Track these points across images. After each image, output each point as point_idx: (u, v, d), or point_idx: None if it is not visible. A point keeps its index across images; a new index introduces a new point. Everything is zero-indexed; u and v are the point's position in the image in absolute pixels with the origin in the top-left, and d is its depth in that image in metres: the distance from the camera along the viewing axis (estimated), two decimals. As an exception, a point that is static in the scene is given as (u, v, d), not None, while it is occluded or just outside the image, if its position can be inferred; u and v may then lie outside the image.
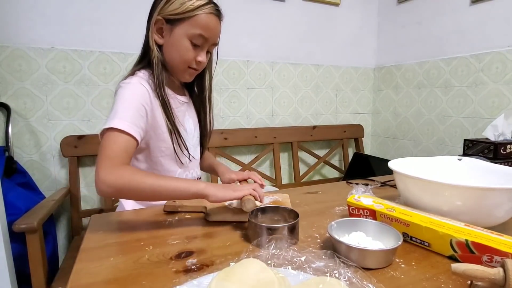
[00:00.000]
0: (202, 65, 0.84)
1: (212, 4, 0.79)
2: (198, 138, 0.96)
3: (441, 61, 1.83)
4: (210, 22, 0.78)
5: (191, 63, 0.80)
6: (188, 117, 0.91)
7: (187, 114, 0.91)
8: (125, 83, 0.78)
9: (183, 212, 0.77)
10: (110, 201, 1.60)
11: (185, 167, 0.91)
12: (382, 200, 0.68)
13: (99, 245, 0.60)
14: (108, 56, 1.60)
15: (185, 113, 0.90)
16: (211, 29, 0.78)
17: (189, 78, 0.85)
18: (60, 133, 1.56)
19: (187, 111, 0.91)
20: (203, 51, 0.81)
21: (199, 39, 0.78)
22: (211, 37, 0.80)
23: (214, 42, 0.82)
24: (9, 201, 1.24)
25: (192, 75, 0.85)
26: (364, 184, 1.02)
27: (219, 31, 0.82)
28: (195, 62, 0.81)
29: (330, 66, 2.18)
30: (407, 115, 2.07)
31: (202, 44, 0.79)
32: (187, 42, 0.78)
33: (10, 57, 1.44)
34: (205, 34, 0.78)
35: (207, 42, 0.80)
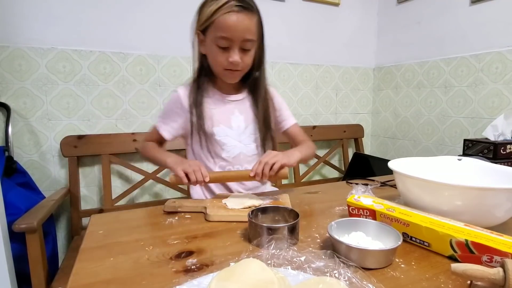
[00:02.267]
0: (240, 65, 0.83)
1: (231, 2, 0.78)
2: (254, 134, 0.97)
3: (441, 61, 1.83)
4: (229, 21, 0.78)
5: (224, 65, 0.83)
6: (238, 114, 0.95)
7: (236, 111, 0.95)
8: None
9: (183, 212, 0.77)
10: (110, 201, 1.60)
11: (228, 162, 0.95)
12: (382, 200, 0.68)
13: (99, 245, 0.60)
14: (108, 56, 1.60)
15: (233, 111, 0.94)
16: (231, 28, 0.78)
17: (232, 79, 0.89)
18: (60, 133, 1.56)
19: (237, 109, 0.95)
20: (233, 51, 0.81)
21: (222, 41, 0.80)
22: (234, 35, 0.79)
23: (241, 38, 0.80)
24: (9, 201, 1.24)
25: (232, 75, 0.87)
26: (364, 184, 1.02)
27: (244, 26, 0.79)
28: (229, 63, 0.82)
29: (330, 66, 2.18)
30: (407, 115, 2.07)
31: (229, 45, 0.80)
32: (215, 47, 0.82)
33: (10, 57, 1.44)
34: (226, 35, 0.79)
35: (233, 42, 0.80)
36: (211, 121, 0.91)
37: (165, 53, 1.71)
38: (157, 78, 1.71)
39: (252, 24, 0.80)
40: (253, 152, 0.98)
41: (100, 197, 1.66)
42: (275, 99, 1.00)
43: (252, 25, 0.80)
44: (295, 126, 1.04)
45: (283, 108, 1.03)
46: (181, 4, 1.70)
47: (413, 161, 0.82)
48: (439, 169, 0.81)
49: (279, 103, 1.02)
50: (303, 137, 1.03)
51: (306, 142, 0.99)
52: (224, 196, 0.84)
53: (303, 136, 1.03)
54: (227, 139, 0.94)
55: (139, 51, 1.66)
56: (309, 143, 0.99)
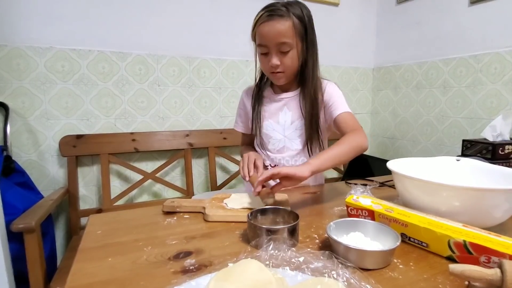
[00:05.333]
0: (281, 67, 0.89)
1: (264, 12, 0.86)
2: (299, 130, 1.00)
3: (440, 61, 1.83)
4: (262, 30, 0.87)
5: (268, 69, 0.93)
6: (287, 111, 1.01)
7: (285, 108, 1.01)
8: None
9: (181, 212, 0.77)
10: (109, 201, 1.59)
11: (273, 154, 1.04)
12: (381, 201, 0.69)
13: (97, 245, 0.60)
14: (107, 56, 1.60)
15: (282, 107, 1.02)
16: (263, 35, 0.87)
17: (278, 81, 0.95)
18: (58, 132, 1.55)
19: (287, 106, 1.01)
20: (271, 55, 0.89)
21: (261, 48, 0.90)
22: (268, 42, 0.87)
23: (276, 42, 0.86)
24: (7, 201, 1.24)
25: (277, 77, 0.93)
26: (363, 184, 1.02)
27: (276, 32, 0.85)
28: (270, 67, 0.90)
29: (329, 66, 2.18)
30: (406, 116, 2.07)
31: (267, 50, 0.89)
32: (259, 54, 0.92)
33: (8, 56, 1.43)
34: (261, 42, 0.88)
35: (270, 47, 0.88)
36: (262, 117, 1.04)
37: (164, 53, 1.71)
38: (156, 77, 1.71)
39: (284, 28, 0.85)
40: (297, 147, 1.01)
41: (99, 197, 1.66)
42: (325, 93, 0.97)
43: (284, 29, 0.85)
44: (343, 115, 0.93)
45: (332, 99, 0.96)
46: (180, 3, 1.70)
47: (412, 162, 0.83)
48: (438, 169, 0.81)
49: (329, 95, 0.96)
50: (352, 126, 0.90)
51: (350, 134, 0.87)
52: (225, 196, 0.84)
53: (352, 125, 0.90)
54: (273, 133, 1.03)
55: (138, 51, 1.65)
56: (352, 136, 0.86)
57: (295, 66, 0.92)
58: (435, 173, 0.80)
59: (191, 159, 1.77)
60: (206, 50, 1.80)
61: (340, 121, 0.93)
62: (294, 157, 1.03)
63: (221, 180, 1.87)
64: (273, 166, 1.05)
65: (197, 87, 1.81)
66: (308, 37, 0.90)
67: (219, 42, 1.82)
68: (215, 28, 1.80)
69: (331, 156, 0.80)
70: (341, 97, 0.98)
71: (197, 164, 1.86)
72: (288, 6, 0.87)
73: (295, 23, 0.86)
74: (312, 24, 0.91)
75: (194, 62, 1.78)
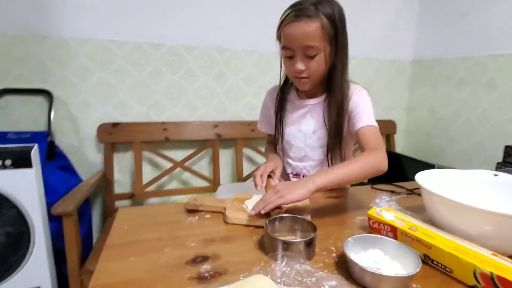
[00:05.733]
0: (306, 72, 0.83)
1: (290, 12, 0.80)
2: (322, 139, 0.94)
3: (486, 57, 1.68)
4: (288, 31, 0.80)
5: (292, 73, 0.87)
6: (310, 118, 0.96)
7: (308, 115, 0.96)
8: None
9: (203, 212, 0.80)
10: (140, 187, 1.68)
11: (295, 162, 1.01)
12: (405, 216, 0.66)
13: (122, 242, 0.64)
14: (142, 47, 1.64)
15: (305, 115, 0.96)
16: (290, 37, 0.81)
17: (302, 86, 0.90)
18: (97, 119, 1.64)
19: (310, 113, 0.96)
20: (296, 59, 0.83)
21: (285, 51, 0.84)
22: (294, 44, 0.81)
23: (301, 46, 0.80)
24: (49, 184, 1.35)
25: (301, 83, 0.88)
26: (390, 191, 0.98)
27: (302, 34, 0.78)
28: (294, 71, 0.85)
29: (363, 59, 2.09)
30: (444, 113, 1.95)
31: (292, 53, 0.83)
32: (283, 57, 0.86)
33: (53, 46, 1.52)
34: (286, 45, 0.82)
35: (295, 50, 0.82)
36: (285, 123, 0.99)
37: (197, 44, 1.72)
38: (188, 68, 1.74)
39: (312, 30, 0.78)
40: (319, 157, 0.96)
41: (132, 182, 1.75)
42: (352, 101, 0.89)
43: (312, 31, 0.78)
44: (366, 129, 0.85)
45: (358, 109, 0.88)
46: (213, -6, 1.69)
47: (444, 174, 0.78)
48: (472, 185, 0.76)
49: (355, 104, 0.89)
50: (372, 144, 0.83)
51: (366, 154, 0.81)
52: (247, 196, 0.85)
53: (372, 143, 0.83)
54: (295, 141, 0.98)
55: (172, 42, 1.68)
56: (367, 157, 0.79)
57: (322, 71, 0.85)
58: (469, 189, 0.75)
59: (219, 150, 1.80)
60: (238, 42, 1.79)
61: (361, 135, 0.86)
62: (315, 167, 0.99)
63: (247, 171, 1.89)
64: (294, 174, 1.02)
65: (227, 79, 1.81)
66: (338, 39, 0.83)
67: (250, 33, 1.80)
68: (247, 19, 1.78)
69: (339, 176, 0.74)
70: (368, 107, 0.89)
71: (224, 155, 1.89)
72: (317, 5, 0.78)
73: (324, 25, 0.79)
74: (343, 24, 0.84)
75: (225, 53, 1.78)
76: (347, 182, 0.79)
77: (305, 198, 0.70)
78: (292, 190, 0.70)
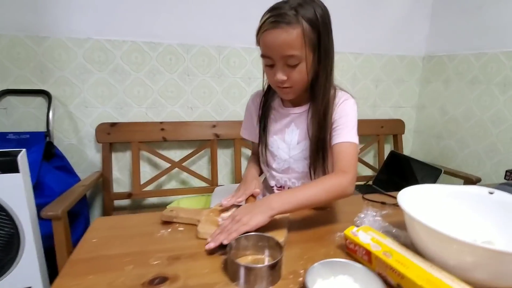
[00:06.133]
0: (288, 82, 0.78)
1: (268, 17, 0.73)
2: (306, 151, 0.88)
3: (502, 54, 1.56)
4: (266, 39, 0.74)
5: (274, 83, 0.81)
6: (294, 128, 0.90)
7: (293, 125, 0.91)
8: None
9: (178, 223, 0.78)
10: (138, 186, 1.68)
11: (278, 173, 0.95)
12: (383, 237, 0.61)
13: (87, 257, 0.62)
14: (139, 46, 1.63)
15: (289, 124, 0.91)
16: (268, 46, 0.75)
17: (285, 96, 0.85)
18: (96, 119, 1.65)
19: (294, 122, 0.90)
20: (276, 69, 0.77)
21: (265, 59, 0.78)
22: (272, 53, 0.75)
23: (281, 55, 0.74)
24: (46, 184, 1.37)
25: (284, 92, 0.83)
26: (381, 202, 0.93)
27: (281, 42, 0.72)
28: (275, 81, 0.79)
29: (371, 55, 1.99)
30: (456, 113, 1.84)
31: (272, 62, 0.77)
32: (264, 65, 0.81)
33: (51, 47, 1.53)
34: (265, 53, 0.77)
35: (274, 60, 0.76)
36: (268, 132, 0.94)
37: (194, 42, 1.69)
38: (186, 67, 1.71)
39: (292, 38, 0.71)
40: (303, 169, 0.91)
41: (131, 181, 1.76)
42: (336, 111, 0.83)
43: (292, 39, 0.71)
44: (341, 146, 0.80)
45: (341, 121, 0.82)
46: (211, -9, 1.65)
47: (434, 190, 0.72)
48: (464, 203, 0.70)
49: (338, 115, 0.83)
50: (343, 165, 0.77)
51: (332, 176, 0.76)
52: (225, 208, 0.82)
53: (344, 164, 0.77)
54: (278, 151, 0.93)
55: (169, 40, 1.66)
56: (332, 179, 0.74)
57: (305, 80, 0.79)
58: (460, 208, 0.69)
59: (217, 150, 1.78)
60: (236, 39, 1.75)
61: (336, 152, 0.80)
62: (300, 180, 0.93)
63: (246, 172, 1.86)
64: (278, 187, 0.97)
65: (226, 77, 1.78)
66: (322, 45, 0.75)
67: (249, 30, 1.74)
68: (246, 16, 1.72)
69: (298, 200, 0.70)
70: (351, 120, 0.83)
71: (223, 155, 1.87)
72: (298, 8, 0.71)
73: (306, 31, 0.72)
74: (328, 28, 0.77)
75: (224, 51, 1.74)
76: (307, 207, 0.74)
77: (265, 223, 0.66)
78: (253, 216, 0.65)
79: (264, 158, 0.96)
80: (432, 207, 0.69)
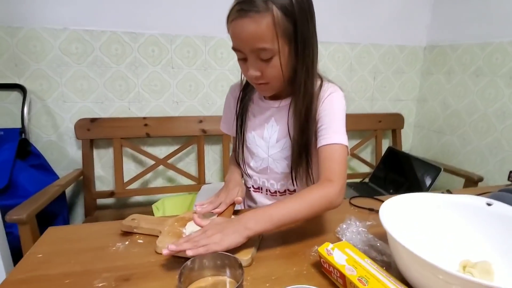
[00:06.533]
0: (262, 78, 0.69)
1: (235, 5, 0.64)
2: (286, 151, 0.80)
3: (508, 44, 1.45)
4: (234, 30, 0.65)
5: (249, 79, 0.73)
6: (274, 124, 0.81)
7: (272, 120, 0.81)
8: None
9: (138, 234, 0.70)
10: (121, 185, 1.61)
11: (256, 173, 0.87)
12: (361, 258, 0.53)
13: (24, 278, 0.55)
14: (119, 36, 1.53)
15: (269, 119, 0.82)
16: (236, 37, 0.66)
17: (263, 93, 0.79)
18: (75, 114, 1.57)
19: (274, 117, 0.81)
20: (249, 63, 0.67)
21: (236, 53, 0.69)
22: (242, 46, 0.65)
23: (250, 48, 0.64)
24: (20, 183, 1.30)
25: (262, 89, 0.75)
26: (369, 209, 0.84)
27: (249, 34, 0.63)
28: (250, 77, 0.71)
29: (369, 45, 1.88)
30: (459, 107, 1.73)
31: (243, 56, 0.68)
32: (237, 59, 0.71)
33: (25, 38, 1.44)
34: (234, 45, 0.67)
35: (244, 53, 0.66)
36: (246, 128, 0.85)
37: (178, 32, 1.59)
38: (169, 59, 1.62)
39: (262, 29, 0.62)
40: (283, 169, 0.82)
41: (115, 179, 1.69)
42: (321, 107, 0.74)
43: (261, 30, 0.62)
44: (328, 149, 0.70)
45: (326, 119, 0.72)
46: (195, -24, 1.54)
47: (423, 199, 0.63)
48: (459, 215, 0.61)
49: (324, 111, 0.73)
50: (328, 172, 0.68)
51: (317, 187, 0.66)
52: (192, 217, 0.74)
53: (329, 171, 0.68)
54: (256, 148, 0.84)
55: (151, 31, 1.56)
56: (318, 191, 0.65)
57: (281, 76, 0.69)
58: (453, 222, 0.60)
59: (204, 146, 1.70)
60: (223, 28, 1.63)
61: (322, 157, 0.70)
62: (280, 181, 0.85)
63: (236, 169, 1.78)
64: (256, 188, 0.89)
65: (214, 70, 1.68)
66: (300, 35, 0.66)
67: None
68: (234, 3, 1.62)
69: (278, 217, 0.61)
70: (338, 118, 0.73)
71: (212, 151, 1.78)
72: None
73: (278, 19, 0.62)
74: (306, 15, 0.66)
75: (210, 42, 1.64)
76: (289, 224, 0.64)
77: (239, 245, 0.58)
78: (226, 235, 0.57)
79: (241, 155, 0.87)
80: (421, 220, 0.61)
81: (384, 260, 0.59)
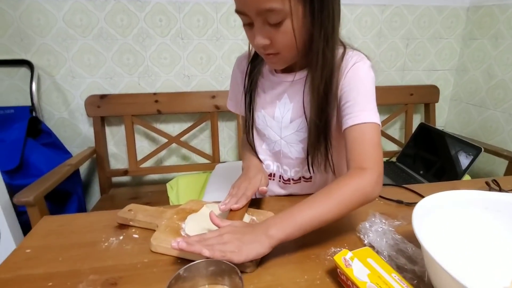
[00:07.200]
0: (271, 47, 0.58)
1: None
2: (302, 133, 0.69)
3: None
4: None
5: (256, 48, 0.61)
6: (287, 101, 0.70)
7: (285, 97, 0.70)
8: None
9: (134, 228, 0.63)
10: (135, 163, 1.58)
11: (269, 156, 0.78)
12: (386, 272, 0.43)
13: (7, 278, 0.50)
14: (124, 5, 1.42)
15: (281, 95, 0.70)
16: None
17: (274, 66, 0.68)
18: (85, 91, 1.52)
19: (288, 93, 0.69)
20: (255, 29, 0.56)
21: (240, 16, 0.58)
22: (246, 7, 0.54)
23: (256, 9, 0.53)
24: (32, 163, 1.29)
25: (272, 62, 0.63)
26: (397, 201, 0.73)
27: None
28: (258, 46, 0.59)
29: (401, 6, 1.65)
30: (505, 78, 1.51)
31: (249, 20, 0.56)
32: (243, 25, 0.60)
33: (28, 11, 1.37)
34: (238, 8, 0.56)
35: (249, 16, 0.55)
36: (255, 106, 0.74)
37: (187, -1, 1.46)
38: (178, 29, 1.50)
39: None
40: (299, 154, 0.72)
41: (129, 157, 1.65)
42: (344, 80, 0.62)
43: None
44: (357, 130, 0.59)
45: (351, 95, 0.61)
46: None
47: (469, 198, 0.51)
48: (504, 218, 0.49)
49: (348, 85, 0.61)
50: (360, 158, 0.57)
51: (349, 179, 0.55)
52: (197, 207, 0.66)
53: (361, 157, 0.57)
54: (267, 130, 0.74)
55: (157, -2, 1.44)
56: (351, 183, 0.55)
57: (294, 43, 0.57)
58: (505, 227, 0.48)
59: (217, 123, 1.61)
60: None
61: (350, 140, 0.59)
62: (294, 167, 0.75)
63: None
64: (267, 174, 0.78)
65: (226, 40, 1.55)
66: None
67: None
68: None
69: (305, 221, 0.51)
70: (366, 93, 0.61)
71: (227, 127, 1.70)
72: None
73: None
74: None
75: (222, 8, 1.49)
76: (317, 227, 0.53)
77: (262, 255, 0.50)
78: (245, 243, 0.48)
79: (250, 137, 0.77)
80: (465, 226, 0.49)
81: (416, 272, 0.48)
